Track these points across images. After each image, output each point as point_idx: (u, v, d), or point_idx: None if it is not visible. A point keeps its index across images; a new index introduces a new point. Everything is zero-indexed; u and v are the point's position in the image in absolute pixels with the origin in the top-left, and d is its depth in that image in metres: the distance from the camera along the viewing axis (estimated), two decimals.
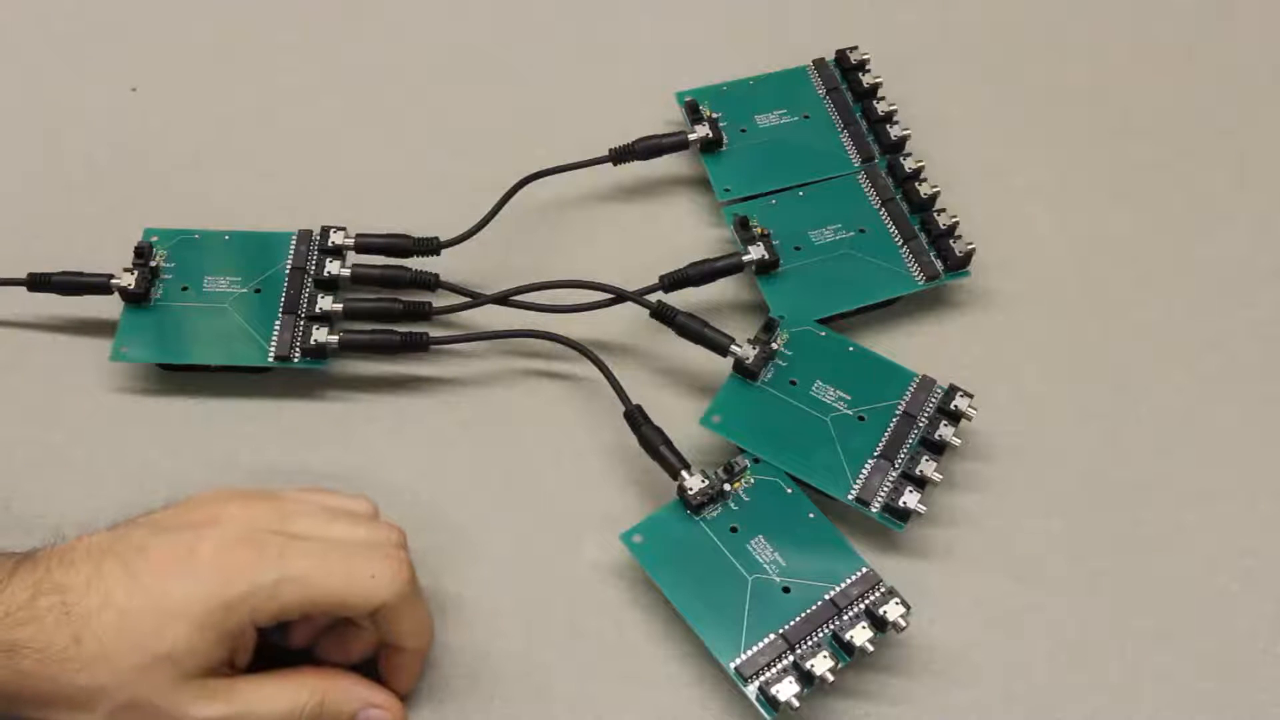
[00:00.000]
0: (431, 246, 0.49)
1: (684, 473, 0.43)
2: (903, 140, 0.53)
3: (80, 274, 0.48)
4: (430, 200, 0.53)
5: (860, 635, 0.39)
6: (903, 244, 0.50)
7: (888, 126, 0.53)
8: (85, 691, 0.34)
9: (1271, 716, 0.41)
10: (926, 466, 0.43)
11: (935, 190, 0.51)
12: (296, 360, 0.46)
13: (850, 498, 0.43)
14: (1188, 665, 0.42)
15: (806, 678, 0.39)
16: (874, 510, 0.43)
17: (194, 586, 0.35)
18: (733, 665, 0.39)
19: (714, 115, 0.53)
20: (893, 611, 0.40)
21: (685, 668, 0.41)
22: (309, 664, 0.39)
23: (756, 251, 0.49)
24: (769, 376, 0.46)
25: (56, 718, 0.35)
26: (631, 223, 0.53)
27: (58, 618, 0.34)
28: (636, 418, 0.44)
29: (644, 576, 0.42)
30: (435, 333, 0.47)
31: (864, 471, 0.44)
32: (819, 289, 0.49)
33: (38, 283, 0.47)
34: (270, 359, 0.46)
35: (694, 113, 0.53)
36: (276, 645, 0.39)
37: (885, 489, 0.43)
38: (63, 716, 0.35)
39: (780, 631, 0.40)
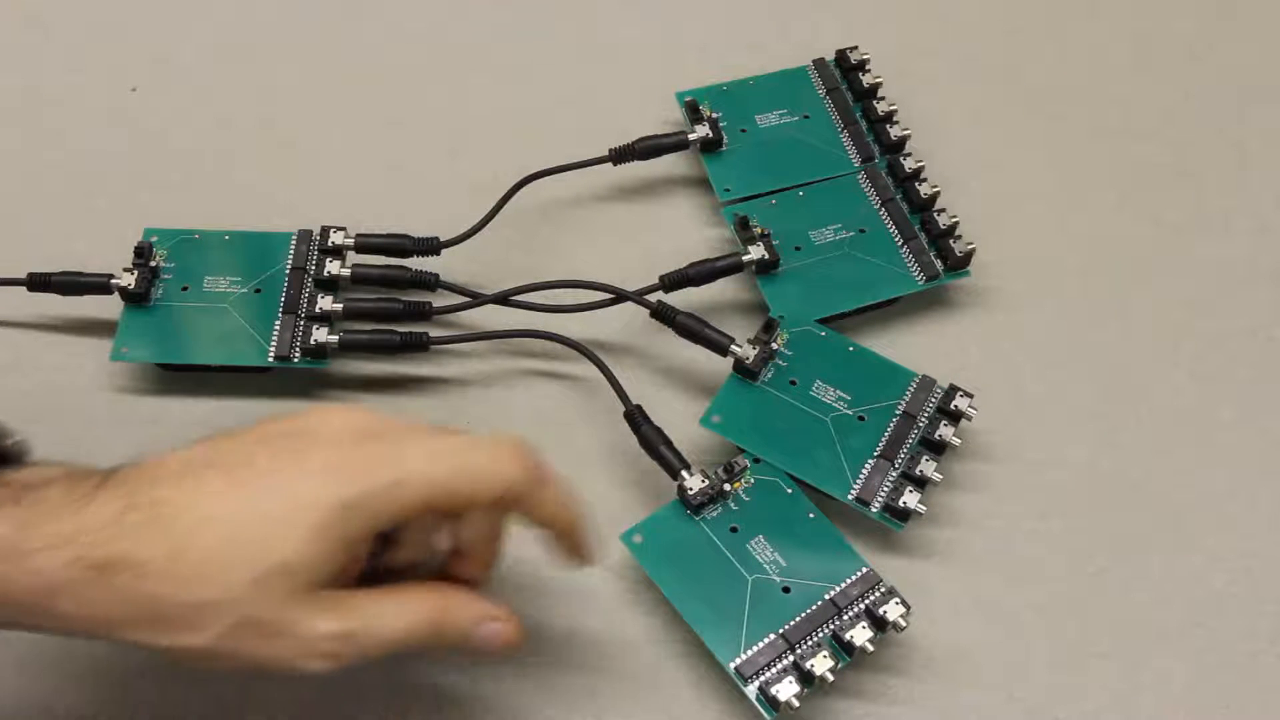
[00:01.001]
0: (431, 246, 0.49)
1: (684, 473, 0.43)
2: (903, 140, 0.53)
3: (80, 274, 0.48)
4: (430, 200, 0.53)
5: (860, 635, 0.39)
6: (903, 244, 0.50)
7: (888, 126, 0.53)
8: (192, 609, 0.32)
9: (1272, 716, 0.41)
10: (926, 466, 0.43)
11: (935, 190, 0.51)
12: (296, 360, 0.46)
13: (850, 498, 0.43)
14: (1188, 665, 0.42)
15: (806, 678, 0.39)
16: (874, 510, 0.43)
17: (308, 490, 0.32)
18: (733, 665, 0.39)
19: (714, 115, 0.53)
20: (893, 611, 0.40)
21: (685, 668, 0.41)
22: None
23: (756, 251, 0.49)
24: (769, 376, 0.46)
25: (160, 640, 0.32)
26: (631, 223, 0.53)
27: (154, 532, 0.32)
28: (636, 418, 0.44)
29: (644, 576, 0.42)
30: (435, 333, 0.47)
31: (864, 471, 0.44)
32: (819, 289, 0.49)
33: (38, 283, 0.47)
34: (270, 359, 0.46)
35: (694, 113, 0.53)
36: (375, 568, 0.36)
37: (885, 489, 0.43)
38: (167, 638, 0.32)
39: (780, 631, 0.40)
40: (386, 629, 0.33)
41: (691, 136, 0.53)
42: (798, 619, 0.40)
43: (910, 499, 0.43)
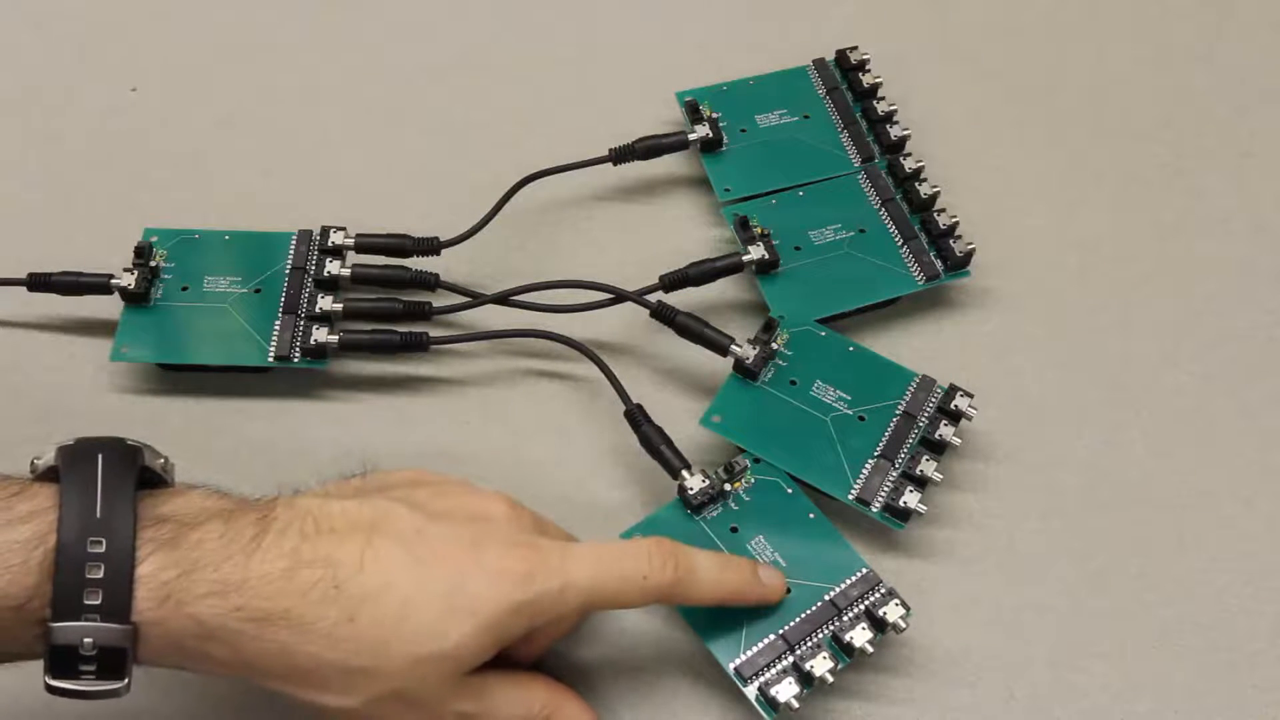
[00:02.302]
0: (431, 246, 0.49)
1: (684, 472, 0.43)
2: (903, 140, 0.53)
3: (80, 274, 0.48)
4: (430, 200, 0.53)
5: (860, 636, 0.39)
6: (903, 244, 0.50)
7: (888, 126, 0.53)
8: (351, 673, 0.33)
9: (1271, 716, 0.41)
10: (927, 466, 0.43)
11: (935, 190, 0.51)
12: (296, 360, 0.46)
13: (850, 498, 0.43)
14: (1188, 665, 0.42)
15: (806, 678, 0.39)
16: (874, 510, 0.43)
17: (484, 589, 0.34)
18: (732, 666, 0.39)
19: (714, 115, 0.53)
20: (892, 613, 0.40)
21: (685, 668, 0.41)
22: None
23: (756, 251, 0.49)
24: (769, 376, 0.46)
25: (308, 695, 0.33)
26: (631, 223, 0.53)
27: (324, 593, 0.32)
28: (637, 417, 0.44)
29: None
30: (435, 333, 0.47)
31: (864, 471, 0.44)
32: (819, 289, 0.49)
33: (38, 283, 0.47)
34: (270, 359, 0.46)
35: (694, 113, 0.53)
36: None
37: (885, 489, 0.43)
38: (316, 695, 0.33)
39: (780, 632, 0.40)
40: (506, 714, 0.36)
41: (691, 136, 0.53)
42: (798, 620, 0.40)
43: (910, 499, 0.43)
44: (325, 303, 0.47)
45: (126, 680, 0.31)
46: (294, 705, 0.34)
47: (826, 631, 0.40)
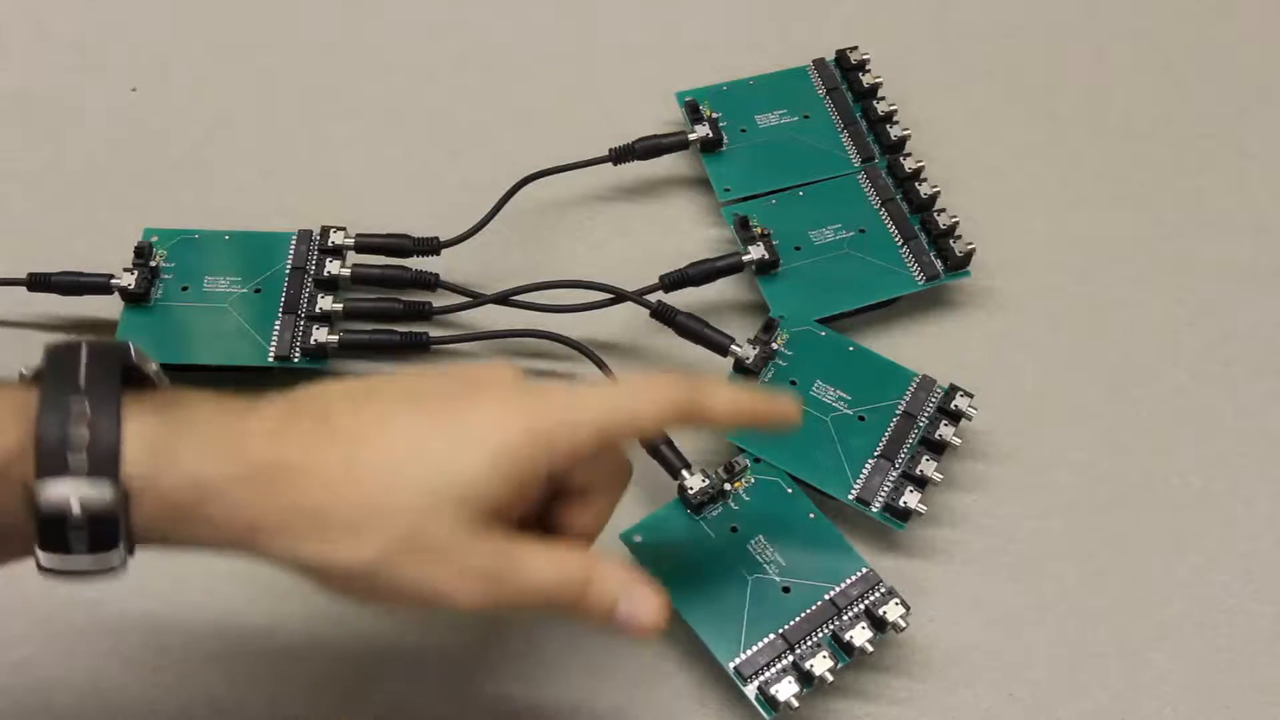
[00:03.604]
0: (431, 246, 0.49)
1: (684, 472, 0.43)
2: (903, 140, 0.53)
3: (80, 274, 0.47)
4: (430, 200, 0.53)
5: (860, 636, 0.39)
6: (903, 244, 0.50)
7: (888, 126, 0.53)
8: (361, 516, 0.30)
9: (1271, 716, 0.41)
10: (927, 466, 0.43)
11: (935, 190, 0.51)
12: (297, 360, 0.46)
13: (850, 497, 0.43)
14: (1188, 665, 0.42)
15: (806, 678, 0.39)
16: (874, 510, 0.43)
17: (491, 418, 0.31)
18: (732, 665, 0.39)
19: (714, 115, 0.53)
20: (892, 612, 0.40)
21: (685, 668, 0.41)
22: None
23: (756, 251, 0.49)
24: (769, 376, 0.46)
25: (320, 550, 0.30)
26: (631, 223, 0.53)
27: (324, 438, 0.31)
28: None
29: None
30: (435, 333, 0.47)
31: (864, 471, 0.44)
32: (819, 289, 0.49)
33: (38, 283, 0.47)
34: (270, 359, 0.46)
35: (694, 113, 0.53)
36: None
37: (885, 489, 0.43)
38: (329, 547, 0.30)
39: (780, 631, 0.40)
40: (536, 578, 0.32)
41: (691, 136, 0.53)
42: (797, 619, 0.40)
43: (910, 499, 0.43)
44: (325, 303, 0.47)
45: (123, 553, 0.29)
46: (308, 582, 0.31)
47: (826, 631, 0.40)
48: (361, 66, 0.59)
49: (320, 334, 0.46)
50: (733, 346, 0.46)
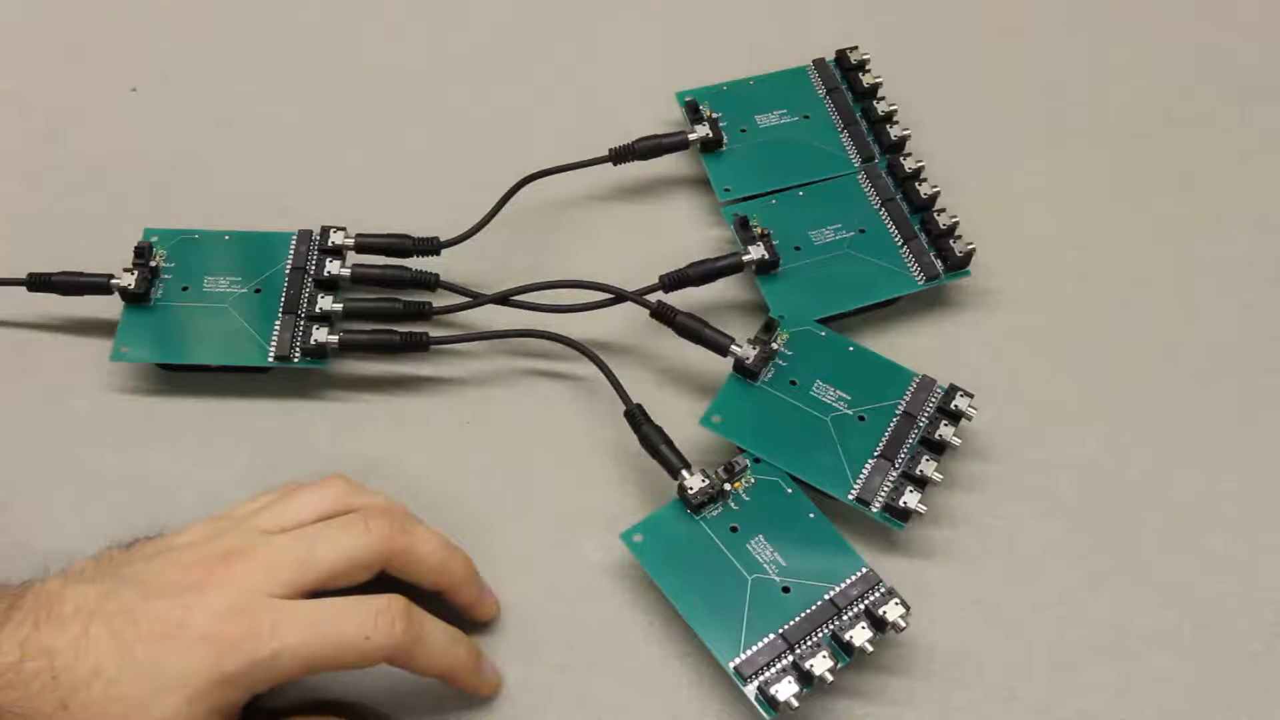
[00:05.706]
0: (431, 246, 0.49)
1: (684, 472, 0.43)
2: (903, 140, 0.53)
3: (80, 274, 0.48)
4: (430, 200, 0.53)
5: (860, 635, 0.39)
6: (903, 244, 0.50)
7: (888, 126, 0.53)
8: None
9: (1271, 717, 0.41)
10: (927, 466, 0.43)
11: (935, 190, 0.51)
12: (296, 360, 0.46)
13: (850, 498, 0.43)
14: (1188, 665, 0.42)
15: (806, 678, 0.39)
16: (874, 510, 0.43)
17: (187, 661, 0.34)
18: (732, 665, 0.39)
19: (714, 115, 0.53)
20: (892, 612, 0.40)
21: (685, 668, 0.41)
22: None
23: (756, 251, 0.49)
24: (769, 376, 0.46)
25: None
26: (631, 223, 0.53)
27: (44, 683, 0.33)
28: (637, 417, 0.44)
29: (644, 576, 0.42)
30: (435, 333, 0.47)
31: (864, 471, 0.44)
32: (819, 289, 0.49)
33: (38, 283, 0.47)
34: (270, 359, 0.46)
35: (694, 113, 0.53)
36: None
37: (885, 489, 0.43)
38: None
39: (780, 631, 0.40)
40: None
41: (691, 136, 0.53)
42: (797, 619, 0.40)
43: (910, 499, 0.43)
44: (325, 303, 0.47)
45: None
46: None
47: (826, 630, 0.40)
48: (361, 66, 0.59)
49: (320, 334, 0.46)
50: (733, 346, 0.46)
